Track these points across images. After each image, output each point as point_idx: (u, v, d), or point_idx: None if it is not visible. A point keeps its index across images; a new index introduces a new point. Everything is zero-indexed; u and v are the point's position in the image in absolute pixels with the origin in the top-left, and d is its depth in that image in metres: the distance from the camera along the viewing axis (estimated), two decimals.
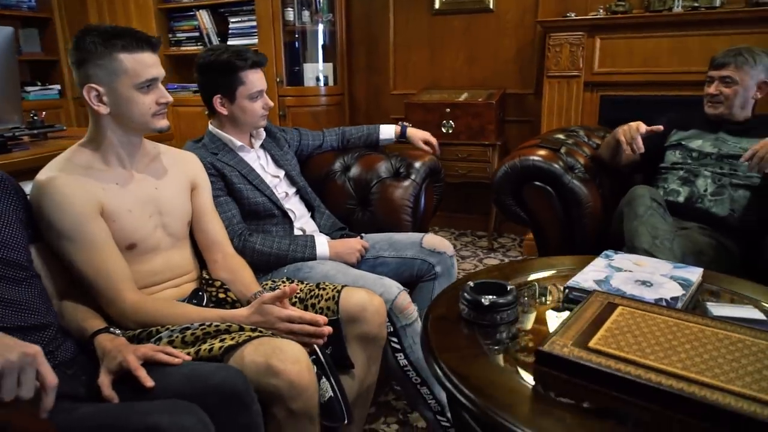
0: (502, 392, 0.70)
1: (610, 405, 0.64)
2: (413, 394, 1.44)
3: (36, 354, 0.71)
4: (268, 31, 3.42)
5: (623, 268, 1.03)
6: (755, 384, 0.61)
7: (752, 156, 1.61)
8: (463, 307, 0.89)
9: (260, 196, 1.62)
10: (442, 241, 1.65)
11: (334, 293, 1.29)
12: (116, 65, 1.16)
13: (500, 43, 3.31)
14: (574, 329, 0.74)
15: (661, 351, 0.67)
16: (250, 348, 1.03)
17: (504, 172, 1.89)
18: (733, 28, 2.57)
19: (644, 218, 1.57)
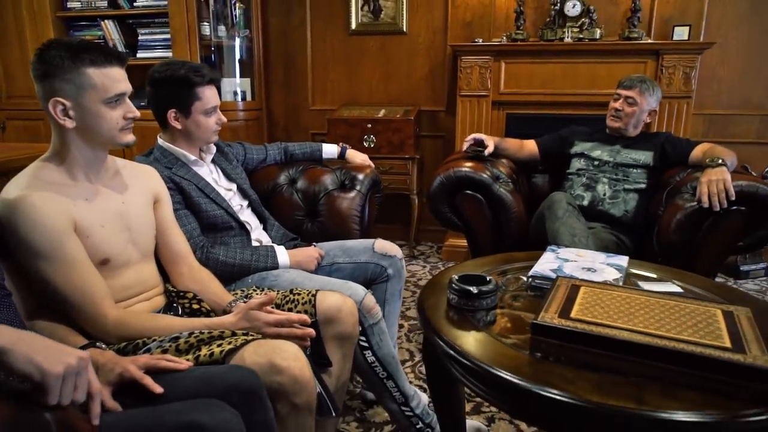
0: (506, 360, 0.85)
1: (594, 360, 0.81)
2: (379, 388, 1.55)
3: (88, 359, 0.73)
4: (184, 45, 3.36)
5: (569, 258, 1.23)
6: (696, 333, 0.81)
7: (706, 195, 1.77)
8: (453, 296, 1.03)
9: (218, 209, 1.65)
10: (392, 246, 1.79)
11: (310, 297, 1.37)
12: (84, 80, 1.15)
13: (413, 62, 3.55)
14: (554, 306, 0.90)
15: (625, 316, 0.86)
16: (250, 350, 1.08)
17: (440, 182, 2.07)
18: (611, 57, 3.02)
19: (563, 219, 1.83)
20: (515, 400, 0.83)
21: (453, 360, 0.92)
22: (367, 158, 2.12)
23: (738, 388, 0.75)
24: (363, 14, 3.53)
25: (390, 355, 1.54)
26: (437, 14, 3.44)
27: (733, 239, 1.87)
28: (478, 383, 0.88)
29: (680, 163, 2.13)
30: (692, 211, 1.87)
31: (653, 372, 0.79)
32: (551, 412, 0.78)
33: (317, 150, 2.10)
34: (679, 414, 0.71)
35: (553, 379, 0.78)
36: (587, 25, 3.07)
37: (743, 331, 0.82)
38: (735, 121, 3.27)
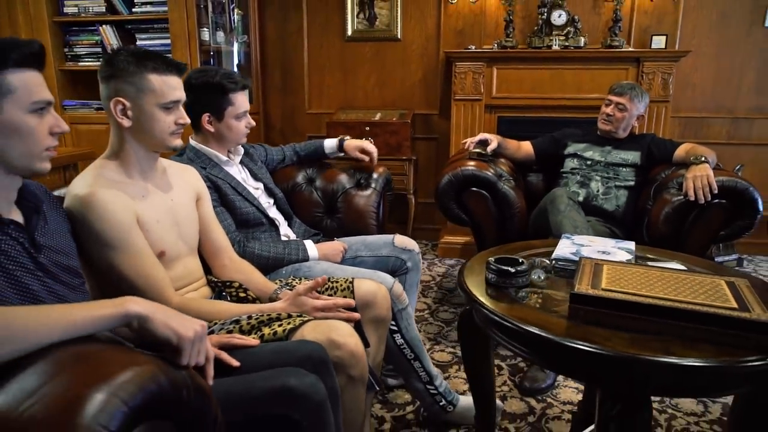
0: (549, 324, 0.99)
1: (624, 323, 0.97)
2: (407, 368, 1.68)
3: (206, 327, 0.84)
4: (184, 50, 3.44)
5: (584, 244, 1.39)
6: (708, 298, 0.97)
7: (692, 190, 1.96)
8: (491, 276, 1.17)
9: (249, 206, 1.76)
10: (411, 241, 1.92)
11: (348, 284, 1.50)
12: (145, 84, 1.26)
13: (407, 68, 3.70)
14: (585, 280, 1.05)
15: (647, 286, 1.01)
16: (309, 328, 1.20)
17: (448, 180, 2.22)
18: (596, 64, 3.23)
19: (565, 213, 1.99)
20: (558, 357, 0.98)
21: (497, 326, 1.05)
22: (366, 143, 2.13)
23: (745, 340, 0.91)
24: (359, 21, 3.66)
25: (417, 338, 1.68)
26: (430, 22, 3.60)
27: (715, 229, 2.06)
28: (521, 345, 1.03)
29: (665, 161, 2.33)
30: (679, 204, 2.06)
31: (675, 330, 0.94)
32: (591, 364, 0.93)
33: (320, 146, 2.17)
34: (698, 361, 0.87)
35: (592, 337, 0.93)
36: (572, 33, 3.27)
37: (745, 296, 0.98)
38: (708, 124, 3.51)
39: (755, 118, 3.48)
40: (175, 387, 0.70)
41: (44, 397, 0.60)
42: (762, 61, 3.40)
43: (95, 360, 0.67)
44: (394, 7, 3.59)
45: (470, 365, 1.38)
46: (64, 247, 1.11)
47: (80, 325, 0.73)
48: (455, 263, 3.40)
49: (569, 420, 1.80)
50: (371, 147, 2.13)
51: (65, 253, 1.11)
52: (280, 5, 3.73)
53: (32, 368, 0.65)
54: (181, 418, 0.72)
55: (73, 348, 0.70)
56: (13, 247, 0.96)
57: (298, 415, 0.94)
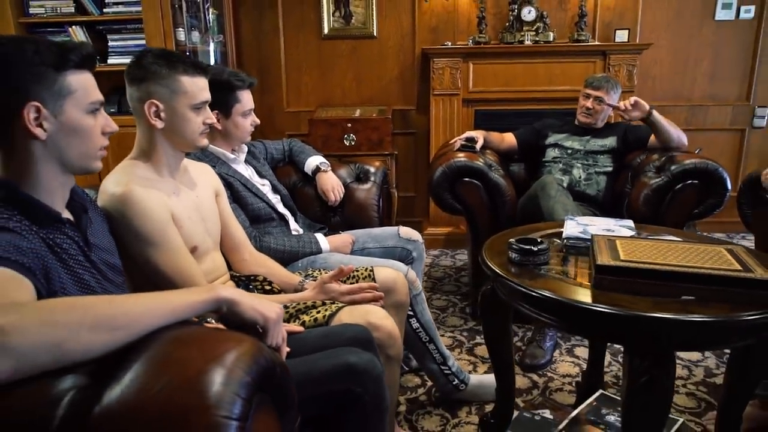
0: (577, 293, 1.10)
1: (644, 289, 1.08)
2: (422, 351, 1.76)
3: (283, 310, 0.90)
4: None
5: (588, 224, 1.51)
6: (715, 263, 1.10)
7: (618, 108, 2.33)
8: (515, 255, 1.27)
9: (260, 202, 1.80)
10: (414, 232, 2.01)
11: (368, 272, 1.57)
12: (178, 86, 1.30)
13: (384, 65, 3.77)
14: (605, 253, 1.16)
15: (661, 256, 1.13)
16: (346, 313, 1.27)
17: (442, 172, 2.31)
18: (566, 57, 3.40)
19: (556, 198, 2.12)
20: (589, 322, 1.08)
21: (524, 298, 1.15)
22: (337, 185, 2.07)
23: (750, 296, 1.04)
24: (335, 20, 3.71)
25: (430, 321, 1.76)
26: (405, 19, 3.69)
27: (689, 208, 2.24)
28: (552, 315, 1.13)
29: (639, 145, 2.50)
30: (657, 186, 2.23)
31: (690, 292, 1.06)
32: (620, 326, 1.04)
33: (305, 160, 2.14)
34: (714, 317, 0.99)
35: (619, 302, 1.04)
36: (542, 29, 3.42)
37: (746, 260, 1.11)
38: (668, 111, 3.72)
39: (710, 106, 3.73)
40: (273, 363, 0.76)
41: (171, 379, 0.65)
42: (714, 52, 3.65)
43: (202, 341, 0.72)
44: (369, 5, 3.66)
45: (492, 342, 1.48)
46: (108, 246, 1.14)
47: (179, 310, 0.78)
48: (440, 253, 3.51)
49: (570, 391, 1.93)
50: (334, 195, 2.06)
51: (110, 252, 1.14)
52: (255, 4, 3.74)
53: (147, 352, 0.70)
54: (274, 392, 0.78)
55: (176, 332, 0.75)
56: (71, 245, 0.99)
57: (361, 388, 1.01)
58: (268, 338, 0.86)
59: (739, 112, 3.73)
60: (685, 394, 1.91)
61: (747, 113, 3.73)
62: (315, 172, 2.09)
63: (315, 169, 2.09)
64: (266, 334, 0.86)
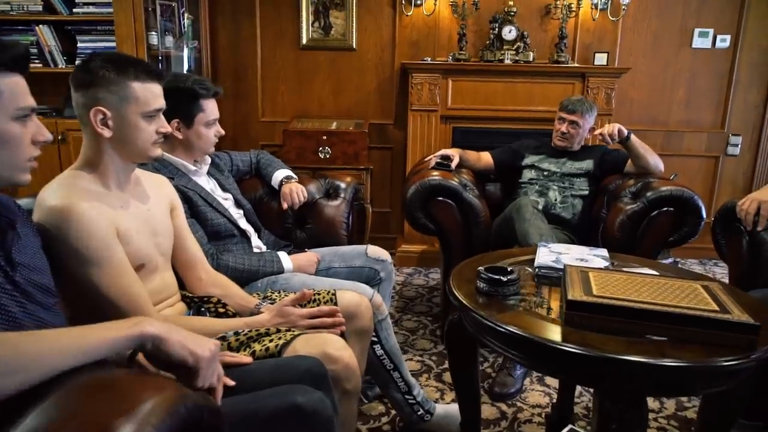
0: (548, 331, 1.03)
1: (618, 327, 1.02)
2: (386, 379, 1.67)
3: (219, 347, 0.81)
4: (133, 54, 3.29)
5: (561, 252, 1.45)
6: (691, 302, 1.04)
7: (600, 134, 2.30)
8: (483, 285, 1.20)
9: (220, 217, 1.70)
10: (383, 251, 1.93)
11: (330, 296, 1.48)
12: (128, 92, 1.20)
13: (362, 78, 3.71)
14: (577, 287, 1.10)
15: (635, 292, 1.07)
16: (301, 343, 1.18)
17: (415, 190, 2.24)
18: (546, 78, 3.38)
19: (531, 221, 2.07)
20: (558, 361, 1.01)
21: (491, 333, 1.08)
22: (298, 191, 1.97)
23: (726, 339, 0.98)
24: (314, 30, 3.65)
25: (395, 347, 1.68)
26: (385, 33, 3.64)
27: (664, 235, 2.20)
28: (520, 352, 1.05)
29: (616, 170, 2.47)
30: (632, 212, 2.19)
31: (665, 332, 1.00)
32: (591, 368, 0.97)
33: (271, 174, 2.05)
34: (690, 362, 0.93)
35: (589, 341, 0.97)
36: (522, 48, 3.41)
37: (722, 299, 1.06)
38: (644, 136, 3.67)
39: (685, 132, 3.76)
40: (197, 410, 0.67)
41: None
42: (690, 79, 3.69)
43: (117, 387, 0.63)
44: (349, 17, 3.60)
45: (458, 373, 1.40)
46: (37, 264, 1.04)
47: (94, 349, 0.68)
48: (413, 271, 3.43)
49: (540, 423, 1.86)
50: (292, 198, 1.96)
51: (39, 271, 1.04)
52: (233, 12, 3.65)
53: (50, 400, 0.60)
54: None
55: (90, 375, 0.66)
56: None
57: None
58: (199, 379, 0.77)
59: (714, 139, 3.76)
60: (656, 429, 1.85)
61: (721, 140, 3.76)
62: (281, 186, 2.00)
63: (281, 183, 2.00)
64: (197, 374, 0.77)
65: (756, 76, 3.66)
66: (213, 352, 0.79)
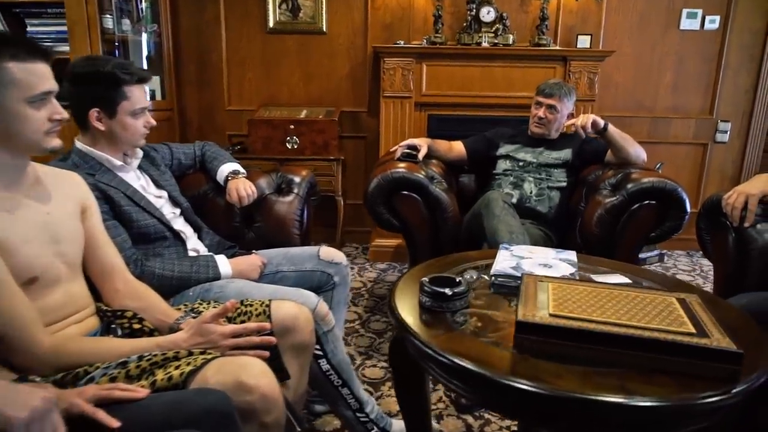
0: (492, 358, 0.86)
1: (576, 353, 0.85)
2: (334, 396, 1.51)
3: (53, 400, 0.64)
4: (83, 39, 3.07)
5: (524, 256, 1.28)
6: (663, 321, 0.88)
7: (573, 125, 2.11)
8: (426, 299, 1.03)
9: (149, 218, 1.52)
10: (338, 252, 1.75)
11: (264, 308, 1.31)
12: (4, 75, 1.02)
13: (334, 63, 3.51)
14: (531, 303, 0.93)
15: (598, 309, 0.91)
16: (213, 369, 1.01)
17: (377, 184, 2.07)
18: (525, 62, 3.19)
19: (501, 217, 1.90)
20: (503, 398, 0.85)
21: (432, 361, 0.91)
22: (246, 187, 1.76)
23: (704, 368, 0.82)
24: (281, 12, 3.44)
25: (344, 361, 1.51)
26: (357, 15, 3.44)
27: (646, 230, 2.04)
28: (462, 384, 0.89)
29: (596, 159, 2.30)
30: (611, 206, 2.03)
31: (631, 360, 0.84)
32: (542, 406, 0.80)
33: (217, 168, 1.84)
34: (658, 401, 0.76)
35: (540, 373, 0.80)
36: (501, 30, 3.22)
37: (700, 317, 0.90)
38: (630, 123, 3.57)
39: (672, 118, 3.59)
40: None
41: None
42: (678, 62, 3.51)
43: None
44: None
45: (403, 393, 1.24)
46: None
47: None
48: (387, 267, 3.27)
49: None
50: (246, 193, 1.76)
51: None
52: None
53: None
54: None
55: None
56: None
57: None
58: None
59: (702, 125, 3.60)
60: None
61: (710, 127, 3.60)
62: (227, 182, 1.82)
63: (227, 179, 1.82)
64: None
65: (746, 59, 3.49)
66: (36, 410, 0.62)
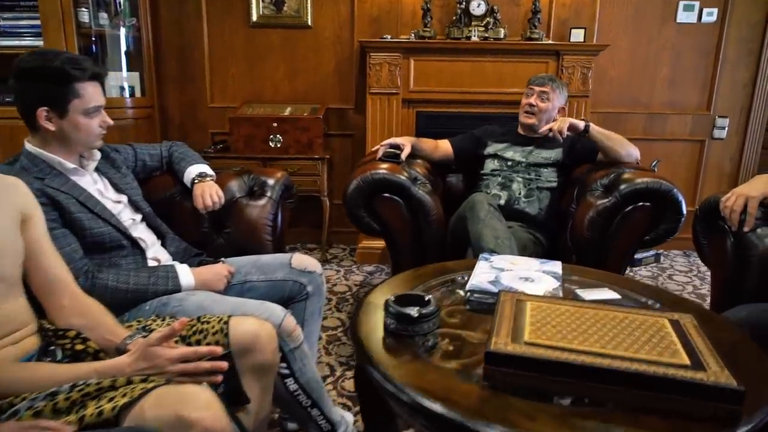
0: (458, 395, 0.75)
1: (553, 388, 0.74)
2: (304, 417, 1.41)
3: None
4: (57, 33, 2.95)
5: (504, 268, 1.18)
6: (653, 350, 0.77)
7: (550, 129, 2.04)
8: (390, 321, 0.92)
9: (104, 225, 1.41)
10: (311, 260, 1.64)
11: (222, 325, 1.20)
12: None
13: (320, 58, 3.40)
14: (504, 328, 0.83)
15: (580, 336, 0.80)
16: (151, 401, 0.90)
17: (356, 186, 1.96)
18: (516, 56, 3.08)
19: (486, 221, 1.79)
20: None
21: (394, 397, 0.81)
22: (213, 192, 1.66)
23: (700, 407, 0.71)
24: (264, 6, 3.31)
25: (314, 380, 1.41)
26: (343, 8, 3.32)
27: (640, 234, 1.94)
28: (426, 422, 0.78)
29: (588, 158, 2.20)
30: (603, 208, 1.92)
31: (616, 397, 0.73)
32: None
33: (183, 169, 1.74)
34: None
35: (512, 415, 0.70)
36: (492, 24, 3.10)
37: (695, 343, 0.80)
38: (625, 119, 3.47)
39: (668, 114, 3.48)
40: None
41: None
42: (674, 56, 3.40)
43: None
44: None
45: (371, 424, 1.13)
46: None
47: None
48: (374, 270, 3.16)
49: None
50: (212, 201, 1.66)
51: None
52: None
53: None
54: None
55: None
56: None
57: None
58: None
59: (699, 121, 3.49)
60: None
61: (707, 123, 3.49)
62: (193, 182, 1.71)
63: (193, 181, 1.71)
64: None
65: (744, 53, 3.38)
66: None
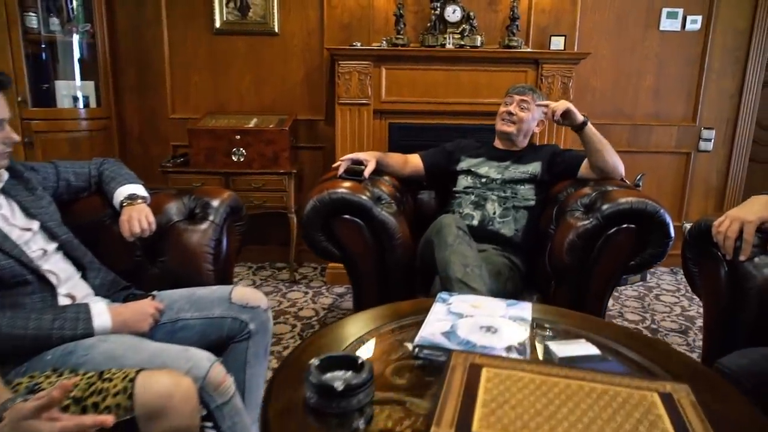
0: None
1: None
2: None
3: None
4: (2, 40, 2.74)
5: (464, 313, 0.99)
6: None
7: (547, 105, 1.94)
8: (311, 395, 0.73)
9: (4, 259, 1.20)
10: (255, 293, 1.45)
11: (126, 383, 1.00)
12: None
13: (288, 66, 3.22)
14: (449, 410, 0.64)
15: (547, 421, 0.62)
16: None
17: (313, 206, 1.77)
18: (493, 65, 2.92)
19: (454, 247, 1.61)
20: None
21: None
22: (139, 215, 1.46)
23: None
24: (228, 11, 3.13)
25: None
26: (312, 14, 3.15)
27: (624, 258, 1.77)
28: None
29: (568, 175, 2.03)
30: (584, 230, 1.75)
31: None
32: None
33: (114, 189, 1.54)
34: None
35: None
36: (468, 31, 2.94)
37: (693, 429, 0.62)
38: (608, 130, 3.31)
39: (653, 125, 3.35)
40: None
41: None
42: (658, 65, 3.28)
43: None
44: None
45: None
46: None
47: None
48: (345, 291, 2.96)
49: None
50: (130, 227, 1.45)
51: None
52: None
53: None
54: None
55: None
56: None
57: None
58: None
59: (685, 133, 3.36)
60: None
61: (693, 135, 3.36)
62: (122, 204, 1.50)
63: (121, 204, 1.50)
64: None
65: (730, 61, 3.26)
66: None
